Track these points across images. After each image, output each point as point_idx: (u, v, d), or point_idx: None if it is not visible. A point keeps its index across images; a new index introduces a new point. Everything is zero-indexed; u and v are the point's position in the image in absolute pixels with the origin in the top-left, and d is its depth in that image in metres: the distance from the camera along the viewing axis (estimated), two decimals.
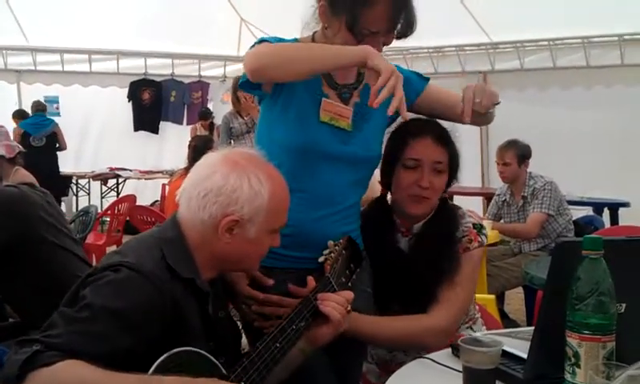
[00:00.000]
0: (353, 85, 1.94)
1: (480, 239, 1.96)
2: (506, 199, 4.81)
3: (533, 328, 1.42)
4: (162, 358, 1.33)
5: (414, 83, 1.99)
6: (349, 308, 1.65)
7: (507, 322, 4.51)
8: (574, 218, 4.90)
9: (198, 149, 5.55)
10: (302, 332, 1.59)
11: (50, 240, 2.57)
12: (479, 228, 1.98)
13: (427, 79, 2.04)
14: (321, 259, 1.78)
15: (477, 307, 2.16)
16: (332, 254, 1.78)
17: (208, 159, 1.55)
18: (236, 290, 1.79)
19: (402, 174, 1.94)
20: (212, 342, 1.50)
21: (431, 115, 2.01)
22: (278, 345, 1.52)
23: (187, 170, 5.45)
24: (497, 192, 5.04)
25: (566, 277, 1.26)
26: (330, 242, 1.81)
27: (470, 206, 5.40)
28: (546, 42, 7.36)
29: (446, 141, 1.95)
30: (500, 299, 4.71)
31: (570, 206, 5.95)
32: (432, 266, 1.91)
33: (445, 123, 2.00)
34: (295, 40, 1.93)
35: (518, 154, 4.64)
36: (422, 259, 1.93)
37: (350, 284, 1.80)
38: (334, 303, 1.62)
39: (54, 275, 2.55)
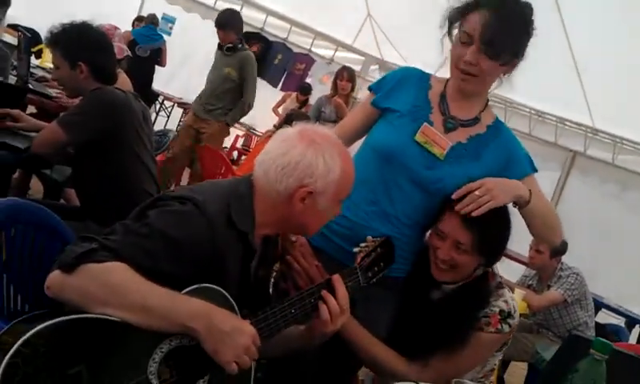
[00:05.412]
0: (467, 121, 1.98)
1: (500, 327, 1.90)
2: (532, 284, 4.71)
3: None
4: (192, 287, 1.47)
5: (524, 165, 1.99)
6: (345, 307, 1.69)
7: None
8: (603, 322, 4.78)
9: (290, 120, 5.72)
10: (316, 307, 1.68)
11: (134, 151, 2.78)
12: (505, 316, 1.92)
13: (534, 170, 2.02)
14: (355, 250, 1.84)
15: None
16: (366, 248, 1.84)
17: (285, 134, 1.67)
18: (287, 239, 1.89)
19: (432, 237, 1.96)
20: (242, 293, 1.62)
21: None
22: (292, 311, 1.63)
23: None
24: (524, 273, 4.94)
25: (569, 365, 1.37)
26: (369, 237, 1.87)
27: (519, 273, 5.29)
28: None
29: (472, 224, 1.85)
30: (504, 366, 4.70)
31: (605, 311, 5.85)
32: (440, 331, 1.91)
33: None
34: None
35: (553, 246, 4.54)
36: (436, 321, 1.93)
37: (374, 280, 1.84)
38: (332, 304, 1.66)
39: (126, 181, 2.76)
